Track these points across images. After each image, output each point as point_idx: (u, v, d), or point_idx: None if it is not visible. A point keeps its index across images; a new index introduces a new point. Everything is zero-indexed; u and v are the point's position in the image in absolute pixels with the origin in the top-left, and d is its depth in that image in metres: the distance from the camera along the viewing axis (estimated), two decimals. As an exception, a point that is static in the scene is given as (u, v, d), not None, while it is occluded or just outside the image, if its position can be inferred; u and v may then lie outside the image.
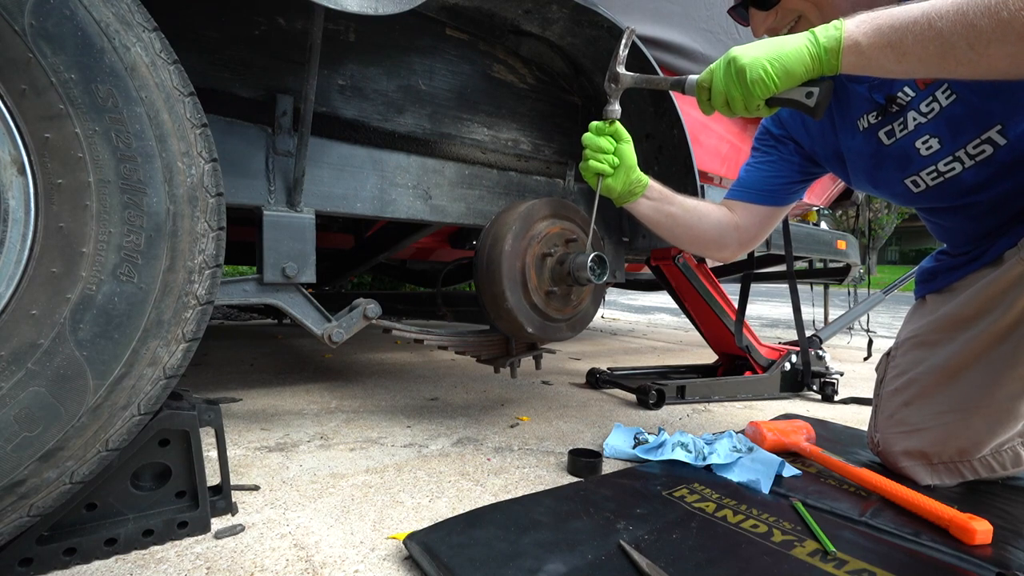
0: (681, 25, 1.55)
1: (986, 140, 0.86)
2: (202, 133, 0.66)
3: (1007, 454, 0.95)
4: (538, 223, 1.17)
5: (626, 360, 2.62)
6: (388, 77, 1.16)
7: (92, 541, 0.67)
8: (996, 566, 0.70)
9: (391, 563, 0.69)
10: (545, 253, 1.17)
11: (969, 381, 0.93)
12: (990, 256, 0.94)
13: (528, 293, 1.15)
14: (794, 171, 1.16)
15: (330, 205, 1.07)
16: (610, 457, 1.11)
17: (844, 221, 9.59)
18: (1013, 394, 0.90)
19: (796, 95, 0.80)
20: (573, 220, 1.23)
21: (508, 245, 1.11)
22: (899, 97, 0.92)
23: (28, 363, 0.57)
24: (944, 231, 1.06)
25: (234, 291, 0.96)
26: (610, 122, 1.03)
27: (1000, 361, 0.90)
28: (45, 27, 0.55)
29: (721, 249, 1.20)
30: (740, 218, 1.18)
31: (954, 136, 0.88)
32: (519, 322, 1.14)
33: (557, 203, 1.21)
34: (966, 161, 0.89)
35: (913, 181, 0.97)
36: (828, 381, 1.83)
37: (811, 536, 0.76)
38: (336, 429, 1.27)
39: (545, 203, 1.20)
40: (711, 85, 0.84)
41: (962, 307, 0.96)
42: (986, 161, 0.87)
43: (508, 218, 1.15)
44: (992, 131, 0.85)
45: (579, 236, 1.21)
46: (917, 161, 0.94)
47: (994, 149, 0.86)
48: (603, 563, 0.66)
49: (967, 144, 0.88)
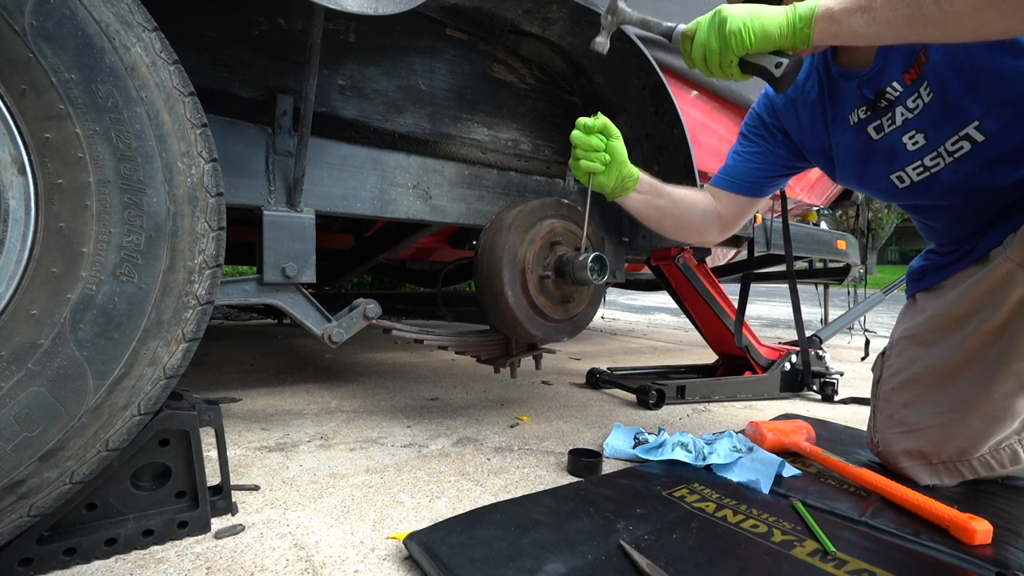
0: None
1: (964, 136, 0.87)
2: (202, 133, 0.66)
3: (1005, 452, 0.95)
4: (538, 223, 1.17)
5: (626, 360, 2.62)
6: (388, 77, 1.16)
7: (92, 541, 0.67)
8: (996, 566, 0.70)
9: (391, 563, 0.69)
10: (545, 253, 1.17)
11: (965, 381, 0.94)
12: (976, 254, 0.96)
13: (528, 293, 1.15)
14: (779, 164, 1.17)
15: (330, 205, 1.07)
16: (610, 457, 1.11)
17: (844, 221, 9.59)
18: (1008, 392, 0.91)
19: (766, 62, 0.82)
20: (573, 220, 1.23)
21: (508, 245, 1.11)
22: (888, 92, 0.93)
23: (28, 363, 0.57)
24: (931, 230, 1.07)
25: (234, 291, 0.96)
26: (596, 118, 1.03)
27: (994, 360, 0.91)
28: (45, 27, 0.55)
29: (703, 236, 1.23)
30: (722, 206, 1.20)
31: (936, 132, 0.90)
32: (519, 322, 1.14)
33: (557, 203, 1.21)
34: (947, 157, 0.91)
35: (899, 176, 0.98)
36: (828, 381, 1.83)
37: (811, 536, 0.76)
38: (336, 429, 1.27)
39: (545, 203, 1.20)
40: (694, 35, 0.86)
41: (953, 307, 0.97)
42: (965, 157, 0.89)
43: (508, 218, 1.15)
44: (970, 127, 0.86)
45: (581, 236, 1.21)
46: (903, 156, 0.95)
47: (972, 145, 0.87)
48: (603, 563, 0.66)
49: (947, 140, 0.89)
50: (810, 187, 2.42)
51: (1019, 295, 0.87)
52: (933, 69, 0.86)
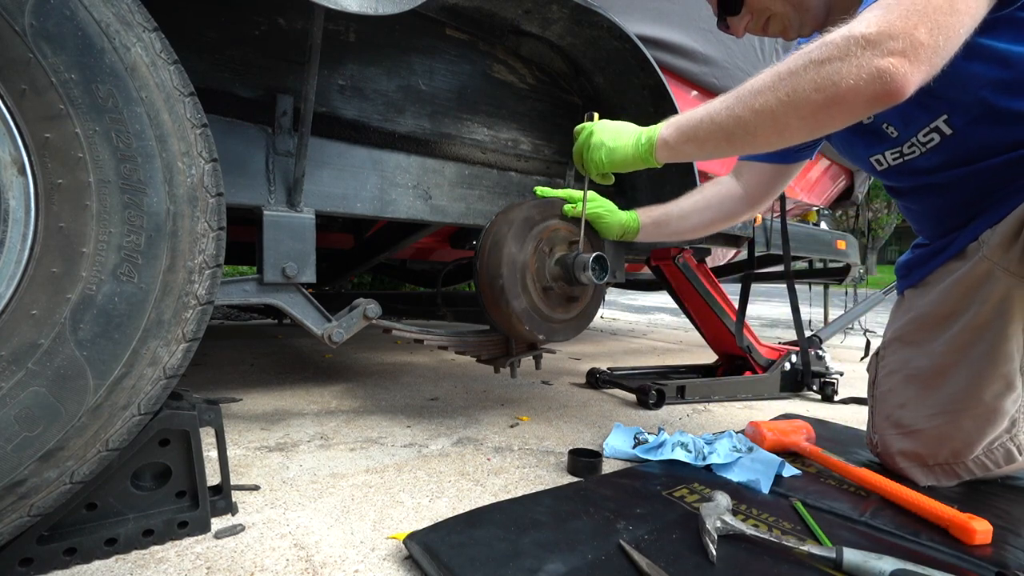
0: (681, 25, 1.55)
1: (935, 128, 0.92)
2: (202, 133, 0.66)
3: (999, 451, 0.96)
4: (538, 223, 1.17)
5: (626, 360, 2.62)
6: (388, 77, 1.16)
7: (92, 541, 0.67)
8: (996, 566, 0.70)
9: (391, 563, 0.69)
10: (545, 253, 1.17)
11: (955, 382, 0.95)
12: (954, 249, 0.97)
13: (528, 293, 1.15)
14: None
15: (330, 205, 1.07)
16: (610, 457, 1.11)
17: (844, 221, 9.59)
18: (997, 393, 0.92)
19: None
20: (573, 220, 1.23)
21: (508, 245, 1.11)
22: None
23: (28, 363, 0.57)
24: (914, 215, 1.10)
25: (234, 291, 0.96)
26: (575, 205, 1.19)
27: (980, 361, 0.92)
28: (45, 27, 0.55)
29: (731, 221, 1.28)
30: (747, 182, 1.24)
31: (907, 124, 0.95)
32: (519, 322, 1.14)
33: (557, 203, 1.21)
34: (920, 148, 0.95)
35: (877, 160, 1.04)
36: (828, 381, 1.83)
37: (811, 536, 0.76)
38: (336, 429, 1.27)
39: (545, 203, 1.20)
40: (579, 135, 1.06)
41: (937, 306, 0.98)
42: (936, 148, 0.93)
43: (508, 218, 1.15)
44: (939, 120, 0.90)
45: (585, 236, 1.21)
46: (886, 141, 1.01)
47: (941, 137, 0.92)
48: (603, 563, 0.67)
49: (919, 132, 0.94)
50: (810, 187, 2.42)
51: (999, 295, 0.89)
52: None
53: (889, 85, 0.67)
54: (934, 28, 0.66)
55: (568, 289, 1.20)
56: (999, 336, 0.90)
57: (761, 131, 0.79)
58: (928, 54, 0.67)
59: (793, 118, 0.75)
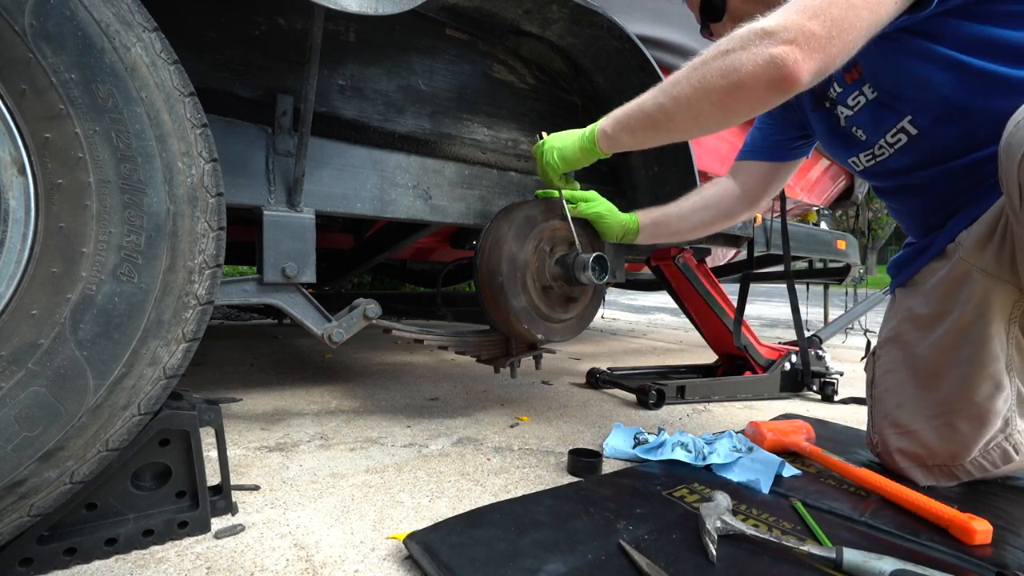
0: (681, 25, 1.55)
1: (901, 129, 0.95)
2: (202, 133, 0.66)
3: (995, 452, 0.96)
4: (539, 223, 1.17)
5: (626, 360, 2.62)
6: (388, 77, 1.16)
7: (92, 541, 0.67)
8: (996, 566, 0.70)
9: (391, 563, 0.69)
10: (545, 253, 1.17)
11: (947, 383, 0.95)
12: (936, 249, 0.99)
13: (528, 293, 1.15)
14: (791, 128, 1.23)
15: (330, 205, 1.07)
16: (610, 457, 1.11)
17: (844, 221, 9.59)
18: (987, 394, 0.92)
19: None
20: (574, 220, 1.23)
21: (508, 245, 1.11)
22: (829, 93, 1.04)
23: (28, 363, 0.57)
24: (898, 215, 1.12)
25: (234, 291, 0.96)
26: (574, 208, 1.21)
27: (968, 362, 0.92)
28: (45, 27, 0.55)
29: (730, 221, 1.31)
30: (744, 181, 1.27)
31: (876, 126, 0.98)
32: (518, 321, 1.14)
33: (557, 203, 1.21)
34: (888, 149, 0.98)
35: (854, 161, 1.08)
36: (828, 381, 1.83)
37: (811, 536, 0.76)
38: (336, 429, 1.27)
39: (545, 203, 1.20)
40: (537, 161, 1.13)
41: (924, 306, 0.99)
42: (905, 148, 0.96)
43: (508, 218, 1.15)
44: (904, 121, 0.94)
45: (582, 236, 1.21)
46: (858, 144, 1.04)
47: (908, 138, 0.95)
48: (603, 563, 0.66)
49: (886, 133, 0.97)
50: (810, 187, 2.42)
51: (979, 296, 0.90)
52: (870, 74, 0.94)
53: (782, 70, 0.73)
54: (827, 20, 0.72)
55: (568, 289, 1.20)
56: (982, 336, 0.90)
57: (680, 117, 0.86)
58: (821, 43, 0.73)
59: (705, 104, 0.81)
